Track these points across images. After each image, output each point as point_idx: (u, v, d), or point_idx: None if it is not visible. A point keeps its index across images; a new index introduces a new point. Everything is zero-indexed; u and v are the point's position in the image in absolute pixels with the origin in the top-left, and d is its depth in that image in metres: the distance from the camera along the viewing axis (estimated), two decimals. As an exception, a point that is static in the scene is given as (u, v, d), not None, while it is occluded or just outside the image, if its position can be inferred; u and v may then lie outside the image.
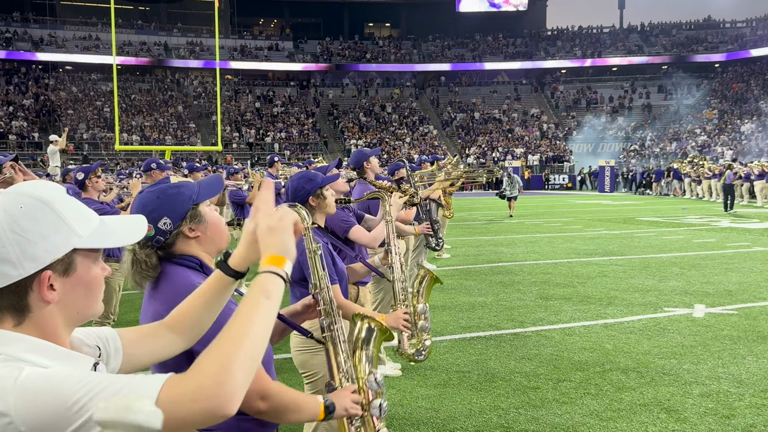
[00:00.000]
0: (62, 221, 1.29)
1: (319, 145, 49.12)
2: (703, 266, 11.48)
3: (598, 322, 7.69)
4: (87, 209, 1.37)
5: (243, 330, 1.31)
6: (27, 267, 1.25)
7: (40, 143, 41.58)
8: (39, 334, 1.28)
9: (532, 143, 50.65)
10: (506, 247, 14.36)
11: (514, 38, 63.55)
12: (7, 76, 50.33)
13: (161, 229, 2.11)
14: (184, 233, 2.15)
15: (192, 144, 45.37)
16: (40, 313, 1.29)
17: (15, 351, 1.24)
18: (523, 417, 4.89)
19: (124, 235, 1.39)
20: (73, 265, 1.31)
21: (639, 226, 18.47)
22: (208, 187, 2.23)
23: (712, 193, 31.03)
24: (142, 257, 2.11)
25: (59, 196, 1.32)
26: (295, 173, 3.86)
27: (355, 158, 6.40)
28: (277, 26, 67.39)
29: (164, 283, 2.12)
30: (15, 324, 1.28)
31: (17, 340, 1.26)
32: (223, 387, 1.21)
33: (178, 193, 2.16)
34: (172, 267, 2.14)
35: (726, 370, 5.92)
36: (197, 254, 2.18)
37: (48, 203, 1.29)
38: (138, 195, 2.22)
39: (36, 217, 1.27)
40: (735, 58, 54.77)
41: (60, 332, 1.32)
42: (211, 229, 2.21)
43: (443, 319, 7.93)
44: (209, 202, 2.27)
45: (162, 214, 2.11)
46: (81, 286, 1.33)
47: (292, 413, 2.06)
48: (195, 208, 2.17)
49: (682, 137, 47.74)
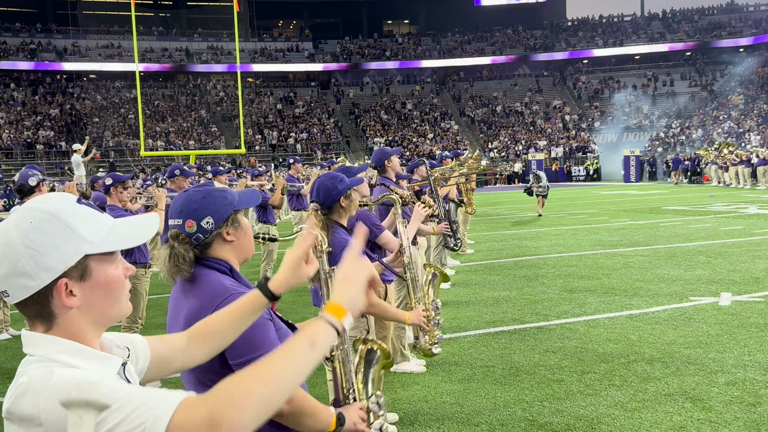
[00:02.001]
0: (71, 230, 1.34)
1: (341, 145, 49.25)
2: (729, 254, 11.37)
3: (623, 314, 7.68)
4: (99, 214, 1.42)
5: (273, 371, 1.31)
6: (44, 277, 1.32)
7: (66, 152, 42.15)
8: (68, 338, 1.35)
9: (555, 135, 50.32)
10: (530, 241, 14.33)
11: (533, 30, 63.15)
12: (33, 86, 51.10)
13: (203, 227, 2.21)
14: (222, 236, 2.25)
15: (216, 148, 45.73)
16: (64, 318, 1.35)
17: (48, 352, 1.31)
18: (547, 410, 4.92)
19: (134, 236, 1.44)
20: (89, 270, 1.36)
21: (665, 216, 18.31)
22: (247, 197, 2.35)
23: (739, 180, 30.64)
24: (181, 251, 2.19)
25: (67, 206, 1.38)
26: (325, 174, 3.93)
27: (376, 157, 6.48)
28: (296, 27, 67.63)
29: (200, 284, 2.20)
30: (45, 330, 1.35)
31: (50, 342, 1.33)
32: (233, 416, 1.21)
33: (222, 196, 2.27)
34: (205, 270, 2.23)
35: (752, 357, 5.89)
36: (229, 259, 2.28)
37: (55, 215, 1.35)
38: (183, 193, 2.32)
39: (45, 229, 1.33)
40: (760, 42, 53.87)
41: (87, 334, 1.38)
42: (245, 237, 2.32)
43: (467, 314, 7.97)
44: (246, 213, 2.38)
45: (206, 213, 2.21)
46: (100, 289, 1.38)
47: (309, 418, 2.13)
48: (235, 213, 2.28)
49: (707, 124, 47.13)
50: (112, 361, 1.40)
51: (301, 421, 2.13)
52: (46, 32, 55.00)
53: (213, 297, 2.14)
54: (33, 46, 52.19)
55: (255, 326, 2.06)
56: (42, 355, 1.31)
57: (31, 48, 51.98)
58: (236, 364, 2.10)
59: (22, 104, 48.19)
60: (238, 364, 2.09)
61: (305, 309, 8.54)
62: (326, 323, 1.44)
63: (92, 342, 1.39)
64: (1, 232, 1.34)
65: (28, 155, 41.14)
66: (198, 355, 1.77)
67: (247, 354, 2.08)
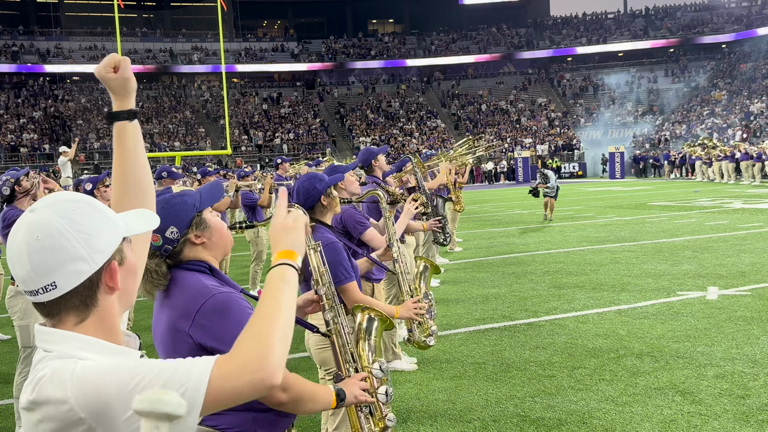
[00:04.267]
0: (107, 216, 1.40)
1: (327, 144, 49.20)
2: (715, 248, 11.47)
3: (612, 309, 7.73)
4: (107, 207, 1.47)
5: (273, 311, 1.43)
6: (98, 260, 1.35)
7: (51, 154, 41.89)
8: (100, 326, 1.38)
9: (540, 133, 50.52)
10: (518, 238, 14.39)
11: (518, 28, 63.36)
12: (16, 89, 50.71)
13: (168, 238, 2.18)
14: (191, 240, 2.22)
15: (201, 149, 45.56)
16: (104, 305, 1.39)
17: (67, 348, 1.33)
18: (539, 405, 4.95)
19: (147, 222, 1.50)
20: (124, 254, 1.42)
21: (651, 211, 18.43)
22: (209, 193, 2.30)
23: (723, 175, 30.89)
24: (152, 267, 2.17)
25: (92, 198, 1.43)
26: (304, 174, 3.94)
27: (363, 156, 6.49)
28: (281, 27, 67.50)
29: (176, 290, 2.18)
30: (77, 322, 1.37)
31: (70, 338, 1.35)
32: (265, 360, 1.34)
33: (181, 202, 2.23)
34: (182, 273, 2.21)
35: (740, 350, 5.95)
36: (205, 259, 2.26)
37: (90, 203, 1.40)
38: None
39: (90, 214, 1.37)
40: (742, 38, 54.33)
41: (117, 320, 1.43)
42: (216, 234, 2.28)
43: (457, 311, 7.99)
44: (211, 209, 2.34)
45: (168, 223, 2.18)
46: (130, 273, 1.45)
47: (308, 402, 2.14)
48: (199, 215, 2.24)
49: (691, 120, 47.47)
50: (131, 354, 1.42)
51: (302, 407, 2.14)
52: (28, 34, 54.59)
53: (195, 299, 2.12)
54: (15, 49, 51.78)
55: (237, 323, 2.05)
56: (61, 351, 1.33)
57: (14, 50, 51.56)
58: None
59: (5, 107, 47.82)
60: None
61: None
62: (286, 265, 1.57)
63: (119, 328, 1.43)
64: (43, 226, 1.34)
65: (11, 158, 40.84)
66: None
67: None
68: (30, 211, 1.38)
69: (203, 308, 2.09)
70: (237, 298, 2.14)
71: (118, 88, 1.92)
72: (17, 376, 5.09)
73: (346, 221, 4.66)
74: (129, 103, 1.93)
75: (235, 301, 2.12)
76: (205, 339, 2.09)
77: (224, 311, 2.09)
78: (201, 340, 2.09)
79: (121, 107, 1.93)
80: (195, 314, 2.10)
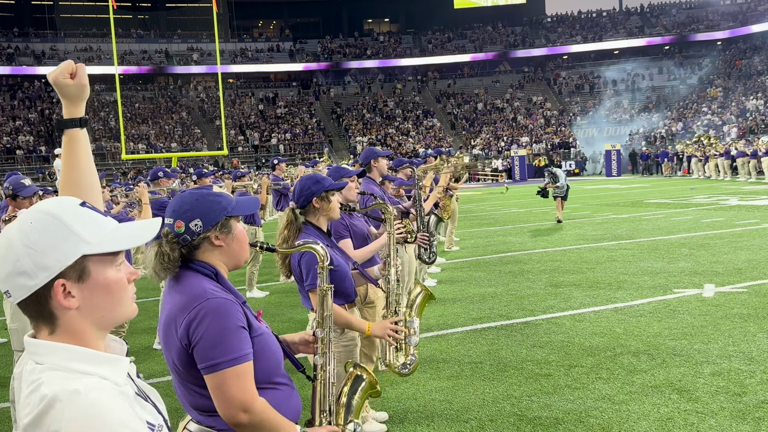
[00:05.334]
0: (70, 231, 1.36)
1: (324, 144, 49.18)
2: (712, 246, 11.48)
3: (608, 307, 7.74)
4: (101, 218, 1.43)
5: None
6: (41, 277, 1.33)
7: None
8: (72, 340, 1.36)
9: (537, 131, 50.54)
10: (514, 237, 14.39)
11: (513, 27, 63.38)
12: (12, 91, 50.59)
13: (191, 229, 2.21)
14: (210, 239, 2.24)
15: (198, 150, 45.46)
16: (66, 320, 1.36)
17: (59, 361, 1.32)
18: (536, 404, 4.95)
19: (132, 238, 1.45)
20: (87, 271, 1.37)
21: (647, 209, 18.45)
22: (244, 204, 2.34)
23: (719, 172, 30.93)
24: (167, 250, 2.20)
25: (69, 208, 1.39)
26: (307, 174, 3.91)
27: (364, 155, 6.49)
28: (276, 27, 67.41)
29: (178, 288, 2.20)
30: (49, 332, 1.37)
31: (57, 349, 1.34)
32: None
33: (216, 201, 2.26)
34: (188, 273, 2.22)
35: (737, 348, 5.96)
36: (216, 264, 2.27)
37: (55, 215, 1.36)
38: (180, 193, 2.33)
39: (45, 229, 1.35)
40: (737, 35, 54.39)
41: (90, 336, 1.39)
42: (236, 243, 2.30)
43: (454, 311, 7.99)
44: (240, 219, 2.36)
45: (195, 215, 2.22)
46: (99, 290, 1.39)
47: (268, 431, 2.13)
48: (227, 219, 2.27)
49: (687, 117, 47.52)
50: (121, 363, 1.41)
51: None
52: (23, 36, 54.46)
53: (190, 301, 2.13)
54: (10, 51, 51.65)
55: (225, 331, 2.07)
56: (53, 363, 1.32)
57: (9, 53, 51.45)
58: (203, 367, 2.09)
59: (1, 109, 47.71)
60: (204, 367, 2.09)
61: (292, 310, 8.53)
62: None
63: (96, 344, 1.40)
64: (5, 235, 1.37)
65: (7, 161, 40.75)
66: None
67: (213, 358, 2.07)
68: None
69: (195, 310, 2.10)
70: (231, 304, 2.14)
71: (72, 95, 1.89)
72: (12, 380, 5.08)
73: (332, 228, 4.57)
74: (81, 111, 1.90)
75: (227, 307, 2.12)
76: (189, 339, 2.11)
77: (214, 315, 2.09)
78: (185, 341, 2.11)
79: (72, 114, 1.90)
80: (186, 315, 2.11)
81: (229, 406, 2.07)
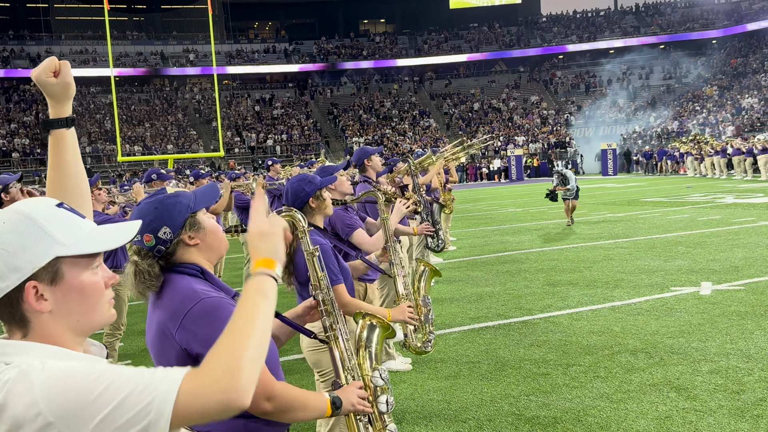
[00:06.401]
0: (43, 232, 1.32)
1: (321, 145, 49.16)
2: (708, 244, 11.49)
3: (606, 306, 7.73)
4: (77, 219, 1.39)
5: (246, 327, 1.36)
6: (12, 278, 1.29)
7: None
8: (46, 343, 1.32)
9: (533, 131, 50.57)
10: (511, 236, 14.39)
11: (509, 27, 63.43)
12: (7, 94, 50.52)
13: (161, 239, 2.13)
14: (184, 241, 2.17)
15: (194, 151, 45.43)
16: (38, 323, 1.33)
17: (30, 359, 1.27)
18: (534, 403, 4.94)
19: (110, 240, 1.40)
20: (60, 273, 1.33)
21: (644, 208, 18.46)
22: (204, 195, 2.26)
23: (715, 170, 30.96)
24: (145, 267, 2.13)
25: (44, 209, 1.35)
26: (294, 176, 3.91)
27: (357, 156, 6.47)
28: (272, 28, 67.38)
29: (167, 292, 2.14)
30: (22, 336, 1.33)
31: (32, 348, 1.30)
32: (235, 380, 1.27)
33: (175, 202, 2.18)
34: (173, 276, 2.17)
35: (734, 345, 5.95)
36: (198, 261, 2.21)
37: (29, 216, 1.33)
38: (137, 206, 2.24)
39: (17, 230, 1.31)
40: (732, 33, 54.50)
41: (66, 342, 1.35)
42: (210, 236, 2.23)
43: (451, 311, 7.98)
44: (206, 211, 2.30)
45: (161, 223, 2.13)
46: (74, 293, 1.35)
47: (298, 411, 2.09)
48: (193, 216, 2.19)
49: (683, 116, 47.58)
50: (100, 363, 1.36)
51: (291, 416, 2.09)
52: (18, 39, 54.39)
53: (183, 304, 2.08)
54: (6, 54, 51.59)
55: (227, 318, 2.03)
56: (26, 362, 1.27)
57: (4, 55, 51.37)
58: None
59: (-4, 112, 47.64)
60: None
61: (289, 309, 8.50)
62: (264, 276, 1.49)
63: (74, 348, 1.36)
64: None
65: (3, 163, 40.67)
66: None
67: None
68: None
69: (190, 313, 2.05)
70: (226, 303, 2.10)
71: (57, 93, 1.84)
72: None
73: (334, 223, 4.61)
74: (67, 110, 1.85)
75: (223, 306, 2.08)
76: (191, 344, 2.05)
77: (211, 316, 2.04)
78: (187, 345, 2.05)
79: (58, 114, 1.85)
80: (182, 319, 2.05)
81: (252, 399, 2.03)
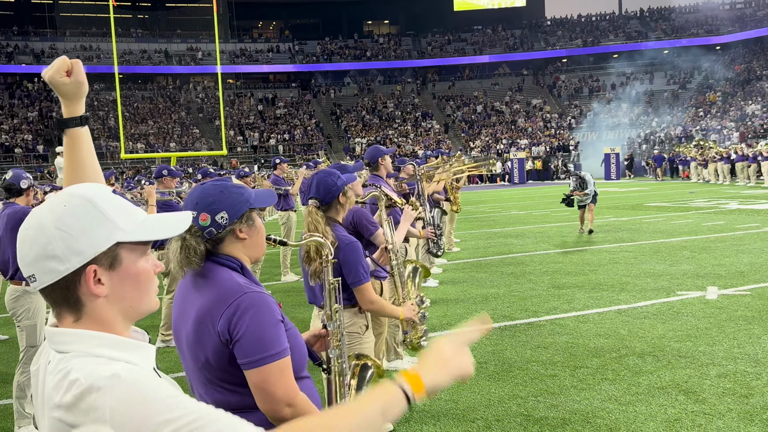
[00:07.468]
0: (105, 217, 1.32)
1: (322, 146, 49.16)
2: (713, 249, 11.48)
3: (612, 309, 7.72)
4: (133, 207, 1.40)
5: (344, 428, 1.31)
6: (73, 261, 1.29)
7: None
8: (98, 329, 1.32)
9: (536, 134, 50.56)
10: (515, 239, 14.38)
11: (513, 30, 63.43)
12: (10, 90, 50.55)
13: (217, 222, 2.17)
14: (235, 232, 2.21)
15: (197, 149, 45.44)
16: (93, 307, 1.32)
17: (86, 347, 1.28)
18: (542, 405, 4.93)
19: (165, 229, 1.41)
20: (119, 259, 1.34)
21: (647, 212, 18.45)
22: (263, 196, 2.32)
23: (719, 176, 30.95)
24: (192, 244, 2.15)
25: (103, 194, 1.36)
26: (321, 170, 3.90)
27: (370, 153, 6.47)
28: (276, 28, 67.42)
29: (210, 282, 2.16)
30: (74, 320, 1.32)
31: (87, 336, 1.30)
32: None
33: (240, 192, 2.23)
34: (215, 267, 2.18)
35: (742, 350, 5.94)
36: (240, 257, 2.24)
37: (90, 200, 1.33)
38: (199, 186, 2.28)
39: (79, 213, 1.31)
40: (736, 40, 54.49)
41: (117, 326, 1.35)
42: (258, 235, 2.28)
43: (457, 311, 7.97)
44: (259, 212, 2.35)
45: (221, 207, 2.17)
46: (129, 280, 1.36)
47: None
48: (250, 211, 2.25)
49: (686, 121, 47.58)
50: (148, 350, 1.38)
51: None
52: (23, 35, 54.41)
53: (226, 295, 2.09)
54: (10, 50, 51.60)
55: (266, 325, 2.04)
56: (79, 350, 1.28)
57: (8, 51, 51.39)
58: (245, 363, 2.05)
59: (0, 108, 47.65)
60: (247, 363, 2.05)
61: (295, 309, 8.50)
62: (402, 394, 1.39)
63: (123, 333, 1.36)
64: (35, 216, 1.33)
65: (6, 159, 40.69)
66: None
67: (256, 353, 2.03)
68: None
69: (234, 305, 2.06)
70: (268, 298, 2.12)
71: (71, 93, 1.83)
72: (18, 375, 5.05)
73: (358, 221, 4.62)
74: (81, 109, 1.84)
75: (266, 301, 2.10)
76: (230, 335, 2.06)
77: (254, 310, 2.06)
78: (226, 336, 2.07)
79: (72, 113, 1.84)
80: (225, 310, 2.07)
81: (273, 401, 2.04)
